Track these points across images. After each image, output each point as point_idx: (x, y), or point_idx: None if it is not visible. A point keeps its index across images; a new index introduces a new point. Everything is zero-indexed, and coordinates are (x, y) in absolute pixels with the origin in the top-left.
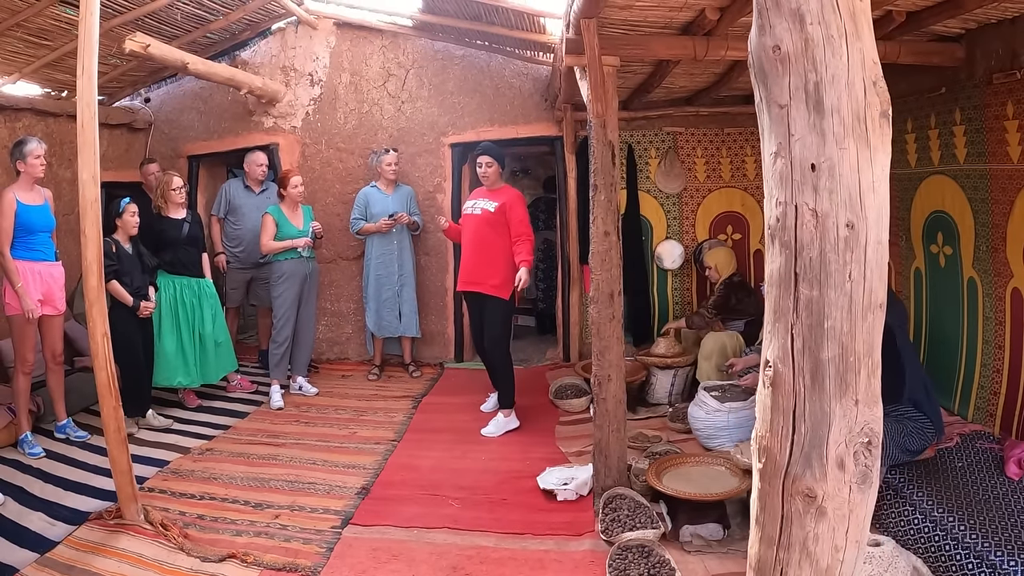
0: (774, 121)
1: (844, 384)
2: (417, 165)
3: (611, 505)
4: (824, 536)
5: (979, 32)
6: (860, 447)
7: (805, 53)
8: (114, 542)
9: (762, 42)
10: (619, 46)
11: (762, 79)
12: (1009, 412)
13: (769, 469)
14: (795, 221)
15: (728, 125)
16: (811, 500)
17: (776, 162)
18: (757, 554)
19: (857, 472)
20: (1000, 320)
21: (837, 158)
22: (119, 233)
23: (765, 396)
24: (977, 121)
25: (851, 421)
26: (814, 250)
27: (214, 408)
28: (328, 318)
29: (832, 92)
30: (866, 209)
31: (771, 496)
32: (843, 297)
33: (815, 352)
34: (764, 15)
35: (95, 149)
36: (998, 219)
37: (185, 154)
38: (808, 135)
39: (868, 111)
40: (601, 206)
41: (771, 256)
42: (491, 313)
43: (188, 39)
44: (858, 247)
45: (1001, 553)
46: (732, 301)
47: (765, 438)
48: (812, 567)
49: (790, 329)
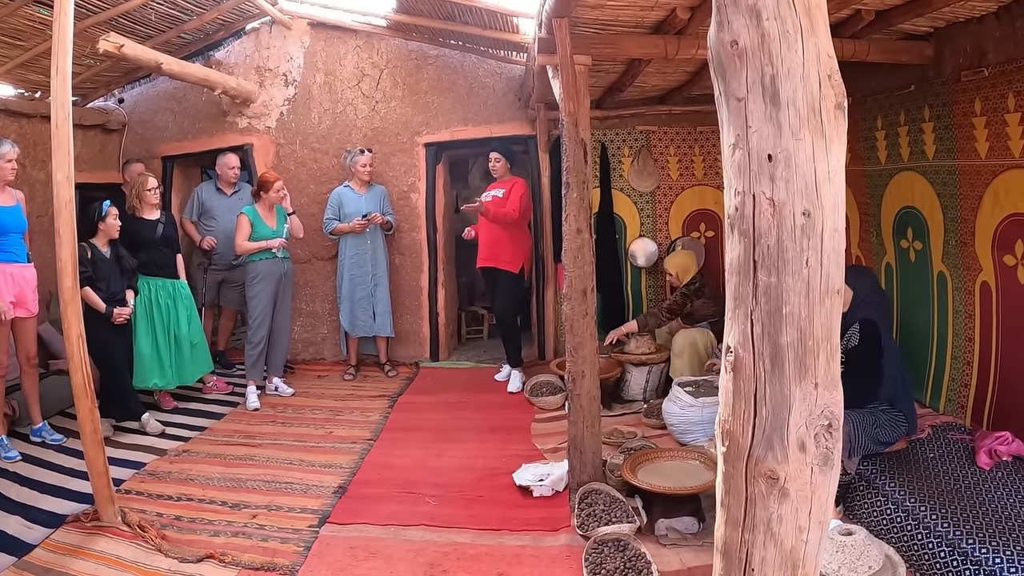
0: (732, 113)
1: (803, 368)
2: (391, 165)
3: (587, 500)
4: (788, 517)
5: (947, 30)
6: (821, 429)
7: (762, 48)
8: (92, 544)
9: (720, 37)
10: (591, 45)
11: (721, 73)
12: (979, 403)
13: (732, 452)
14: (753, 210)
15: (700, 123)
16: (774, 482)
17: (735, 153)
18: (723, 536)
19: (818, 454)
20: (970, 313)
21: (793, 148)
22: (99, 237)
23: (727, 381)
24: (946, 118)
25: (811, 404)
26: (772, 238)
27: (190, 410)
28: (303, 318)
29: (788, 85)
30: (822, 197)
31: (735, 479)
32: (801, 283)
33: (774, 337)
34: (723, 11)
35: (69, 150)
36: (967, 214)
37: (159, 155)
38: (765, 126)
39: (823, 103)
40: (574, 204)
41: (730, 245)
42: (503, 285)
43: (162, 39)
44: (815, 235)
45: (973, 541)
46: (687, 307)
47: (728, 422)
48: (777, 547)
49: (749, 315)
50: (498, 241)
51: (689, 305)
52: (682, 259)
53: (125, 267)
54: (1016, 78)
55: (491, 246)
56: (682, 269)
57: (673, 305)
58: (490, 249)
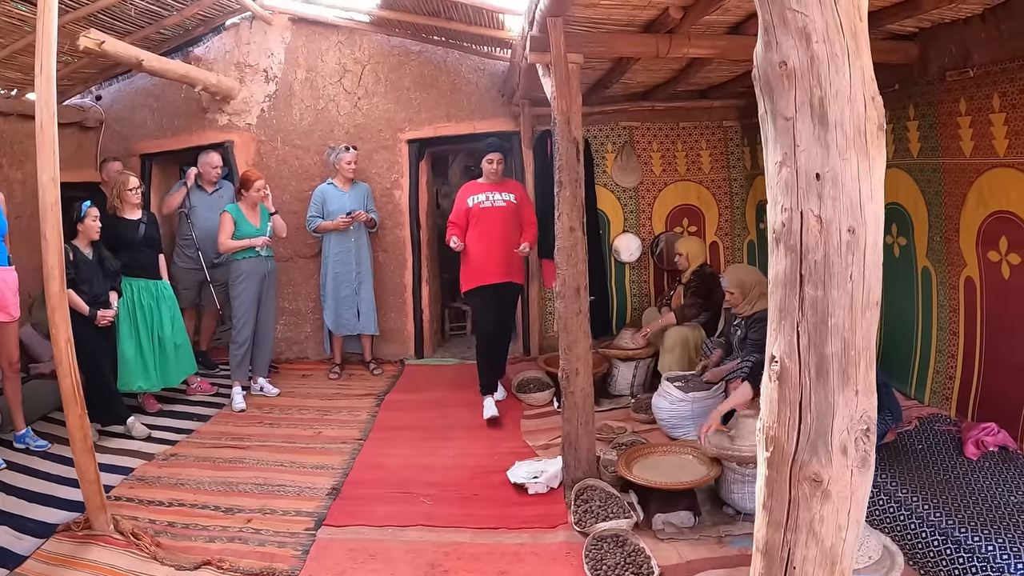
0: (780, 132)
1: (846, 376)
2: (374, 162)
3: (583, 496)
4: (829, 517)
5: (933, 31)
6: (860, 433)
7: (811, 69)
8: (85, 554)
9: (768, 57)
10: (583, 44)
11: (768, 92)
12: (964, 395)
13: (776, 457)
14: (800, 226)
15: (683, 120)
16: (817, 484)
17: (781, 171)
18: (764, 537)
19: (857, 456)
20: (954, 307)
21: (840, 168)
22: (80, 238)
23: (772, 389)
24: (930, 117)
25: (852, 410)
26: (819, 253)
27: (175, 412)
28: (286, 317)
29: (836, 107)
30: (865, 215)
31: (778, 482)
32: (845, 296)
33: (820, 347)
34: (770, 32)
35: (55, 150)
36: (951, 211)
37: (138, 153)
38: (813, 146)
39: (868, 124)
40: (567, 202)
41: (776, 258)
42: (514, 300)
43: (141, 35)
44: (858, 250)
45: (965, 530)
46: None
47: (772, 428)
48: (818, 546)
49: (795, 327)
50: (511, 250)
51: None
52: (695, 244)
53: (108, 269)
54: (1001, 79)
55: (507, 257)
56: (693, 252)
57: (698, 289)
58: (508, 261)
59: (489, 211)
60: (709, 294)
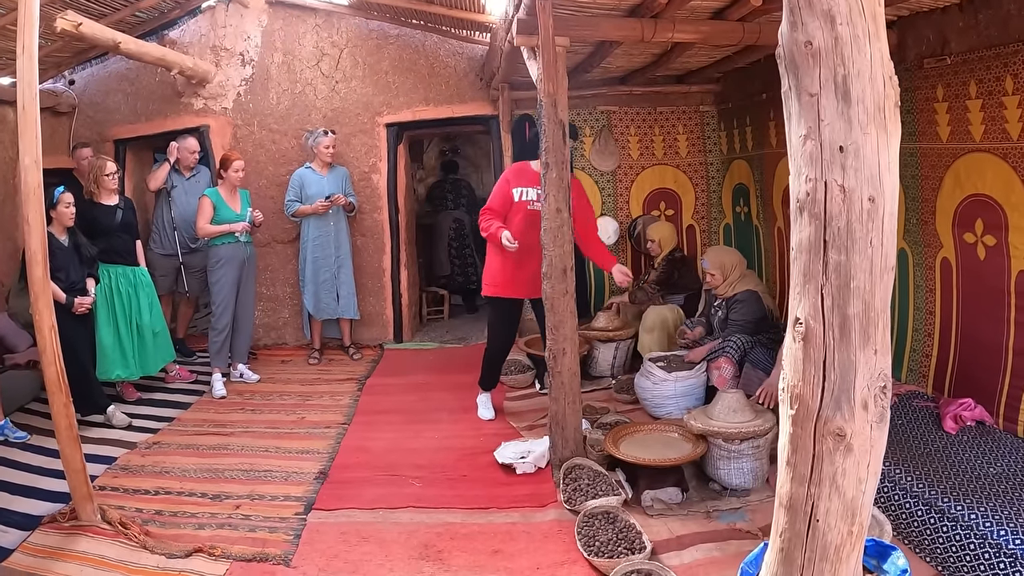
0: (804, 108)
1: (866, 336)
2: (352, 146)
3: (571, 475)
4: (851, 470)
5: (911, 19)
6: (878, 390)
7: (835, 49)
8: (73, 545)
9: (794, 37)
10: (570, 27)
11: (793, 70)
12: (941, 373)
13: (801, 414)
14: (824, 195)
15: (660, 104)
16: (841, 439)
17: (806, 144)
18: (788, 492)
19: (876, 412)
20: (931, 288)
21: (862, 141)
22: (54, 225)
23: (796, 350)
24: (908, 103)
25: (872, 368)
26: (842, 220)
27: (155, 400)
28: (264, 303)
29: (858, 84)
30: (884, 185)
31: (803, 438)
32: (866, 261)
33: (843, 309)
34: (796, 13)
35: (37, 132)
36: (928, 194)
37: (111, 138)
38: (837, 121)
39: (886, 102)
40: (553, 184)
41: (799, 226)
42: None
43: (116, 18)
44: (877, 218)
45: (948, 499)
46: (674, 276)
47: (797, 387)
48: (840, 498)
49: (820, 289)
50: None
51: (675, 274)
52: (667, 229)
53: (85, 255)
54: (978, 67)
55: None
56: (665, 237)
57: (661, 275)
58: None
59: (537, 217)
60: (670, 281)
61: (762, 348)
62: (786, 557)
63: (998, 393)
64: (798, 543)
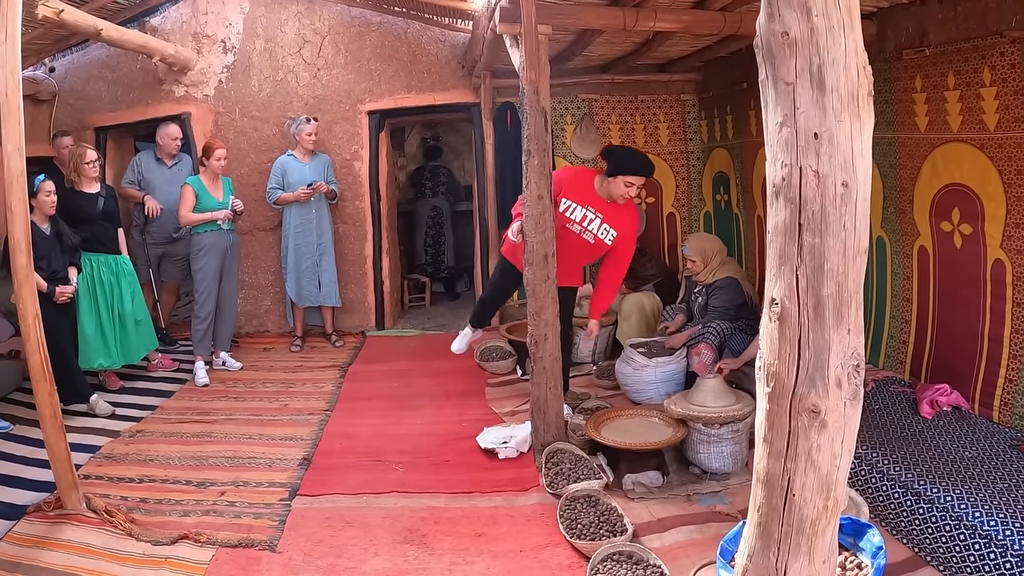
0: (780, 96)
1: (840, 316)
2: (334, 133)
3: (553, 459)
4: (825, 446)
5: (890, 11)
6: (851, 369)
7: (811, 40)
8: (58, 534)
9: (771, 27)
10: (552, 15)
11: (770, 59)
12: (918, 359)
13: (777, 391)
14: (799, 180)
15: (641, 92)
16: (815, 415)
17: (782, 130)
18: (765, 468)
19: (850, 389)
20: (908, 275)
21: (836, 129)
22: (36, 214)
23: (772, 329)
24: (887, 93)
25: (845, 347)
26: (816, 204)
27: (137, 389)
28: (246, 290)
29: (832, 73)
30: (857, 171)
31: (779, 415)
32: (839, 243)
33: (817, 290)
34: (773, 4)
35: (20, 119)
36: (906, 183)
37: (92, 126)
38: (812, 109)
39: (860, 90)
40: (535, 171)
41: (775, 209)
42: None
43: (97, 5)
44: (851, 202)
45: (924, 482)
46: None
47: (773, 365)
48: (815, 473)
49: (795, 271)
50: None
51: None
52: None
53: (66, 244)
54: (956, 58)
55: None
56: None
57: None
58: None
59: (574, 238)
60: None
61: (741, 334)
62: (764, 531)
63: (974, 379)
64: (775, 517)
